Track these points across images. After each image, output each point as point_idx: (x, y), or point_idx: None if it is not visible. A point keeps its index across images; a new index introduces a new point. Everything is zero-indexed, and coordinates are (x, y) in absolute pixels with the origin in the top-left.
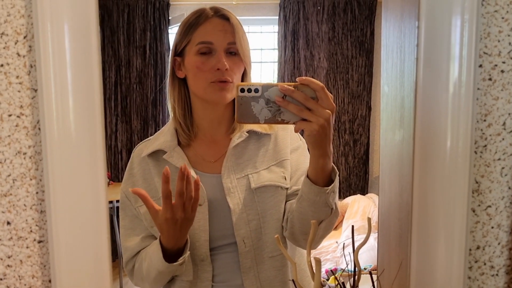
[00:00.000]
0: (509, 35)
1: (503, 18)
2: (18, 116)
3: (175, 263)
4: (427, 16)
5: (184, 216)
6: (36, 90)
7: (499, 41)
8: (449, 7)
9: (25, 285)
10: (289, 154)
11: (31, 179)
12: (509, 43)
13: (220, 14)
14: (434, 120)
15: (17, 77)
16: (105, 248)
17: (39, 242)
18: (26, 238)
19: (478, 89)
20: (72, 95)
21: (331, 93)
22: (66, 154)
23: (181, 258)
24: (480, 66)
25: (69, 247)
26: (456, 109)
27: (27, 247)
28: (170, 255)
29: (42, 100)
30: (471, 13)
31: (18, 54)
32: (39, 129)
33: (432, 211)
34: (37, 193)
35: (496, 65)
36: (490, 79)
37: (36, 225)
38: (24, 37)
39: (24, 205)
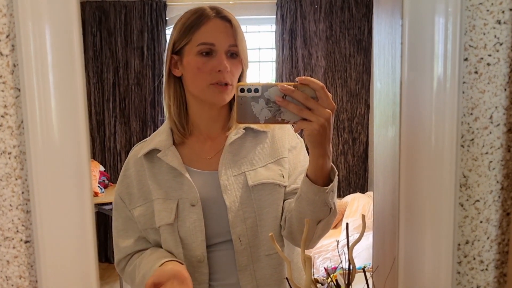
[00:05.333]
0: (494, 28)
1: (488, 10)
2: (2, 116)
3: None
4: (410, 11)
5: None
6: (19, 90)
7: (484, 34)
8: (433, 0)
9: (12, 285)
10: (286, 153)
11: (16, 179)
12: (495, 36)
13: (221, 16)
14: (419, 115)
15: (1, 76)
16: (91, 247)
17: (26, 242)
18: (13, 239)
19: (464, 82)
20: (54, 95)
21: (330, 92)
22: (50, 154)
23: None
24: (466, 59)
25: (55, 247)
26: (441, 103)
27: (14, 248)
28: None
29: (25, 100)
30: (455, 6)
31: (1, 54)
32: (24, 128)
33: (419, 206)
34: (22, 193)
35: (482, 58)
36: (476, 72)
37: (23, 225)
38: (7, 36)
39: (10, 205)
